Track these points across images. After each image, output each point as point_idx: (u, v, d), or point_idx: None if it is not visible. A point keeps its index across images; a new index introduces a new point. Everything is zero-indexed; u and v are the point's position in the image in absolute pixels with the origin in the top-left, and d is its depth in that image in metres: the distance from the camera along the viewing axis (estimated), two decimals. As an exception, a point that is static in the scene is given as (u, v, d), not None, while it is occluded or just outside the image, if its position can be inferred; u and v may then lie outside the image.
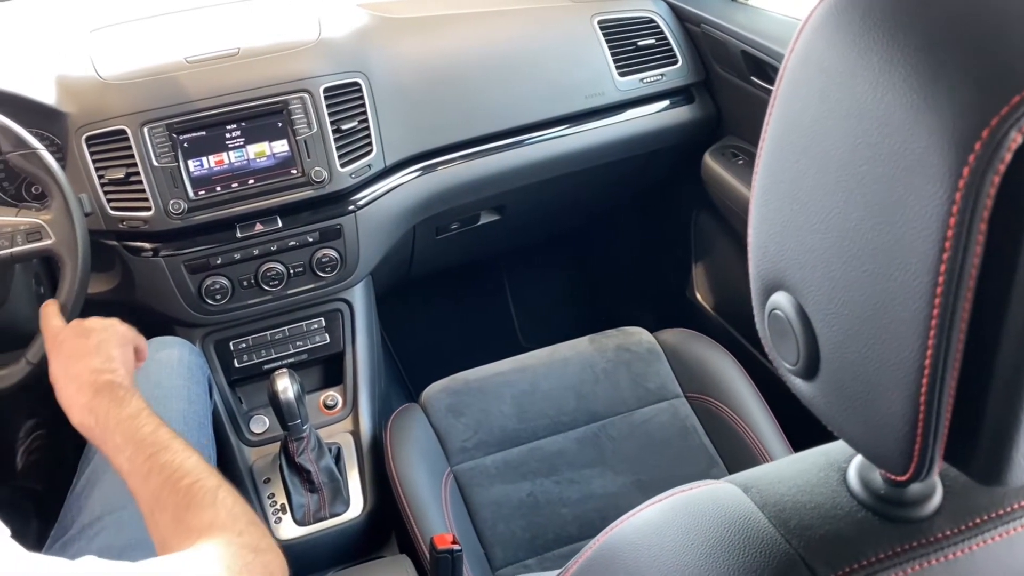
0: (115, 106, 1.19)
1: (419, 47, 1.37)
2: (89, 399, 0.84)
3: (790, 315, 0.41)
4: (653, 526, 0.49)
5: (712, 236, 1.59)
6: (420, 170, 1.35)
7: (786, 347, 0.42)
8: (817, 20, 0.37)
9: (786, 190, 0.40)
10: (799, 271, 0.40)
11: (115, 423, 0.80)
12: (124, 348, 0.93)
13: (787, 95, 0.39)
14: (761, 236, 0.43)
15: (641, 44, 1.44)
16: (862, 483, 0.46)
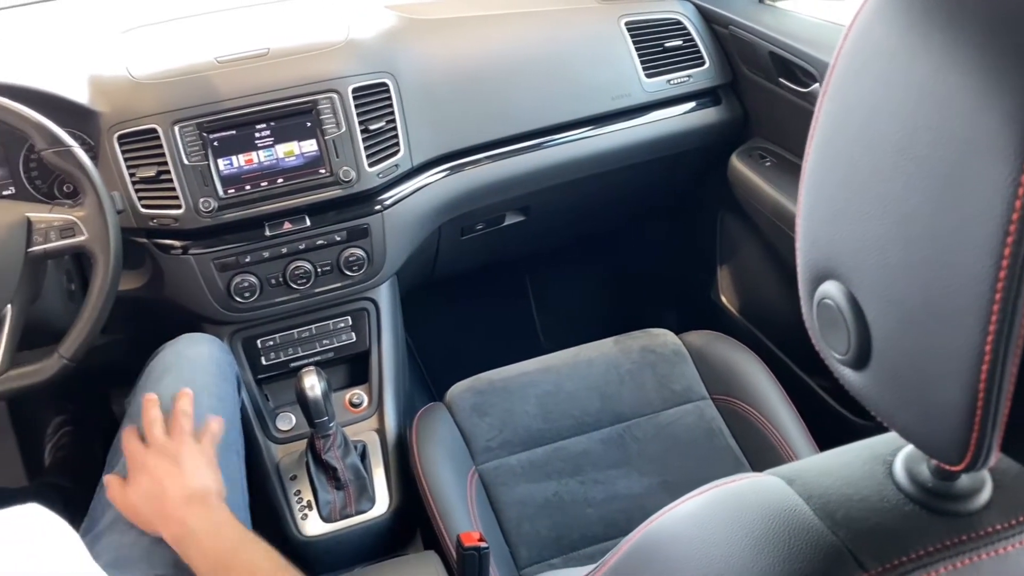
0: (147, 105, 1.20)
1: (446, 48, 1.38)
2: (184, 515, 0.91)
3: (841, 304, 0.40)
4: (695, 518, 0.49)
5: (738, 238, 1.59)
6: (447, 170, 1.36)
7: (836, 337, 0.42)
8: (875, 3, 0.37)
9: (838, 177, 0.40)
10: (851, 259, 0.39)
11: (205, 533, 0.89)
12: (208, 456, 1.00)
13: (841, 81, 0.39)
14: (811, 225, 0.43)
15: (668, 45, 1.44)
16: (909, 476, 0.45)
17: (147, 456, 0.98)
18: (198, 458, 0.98)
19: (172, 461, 0.96)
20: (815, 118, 0.41)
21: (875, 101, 0.37)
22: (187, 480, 0.94)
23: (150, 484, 0.95)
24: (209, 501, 0.93)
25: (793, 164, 1.39)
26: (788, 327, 1.49)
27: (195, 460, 0.97)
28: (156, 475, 0.95)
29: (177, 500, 0.92)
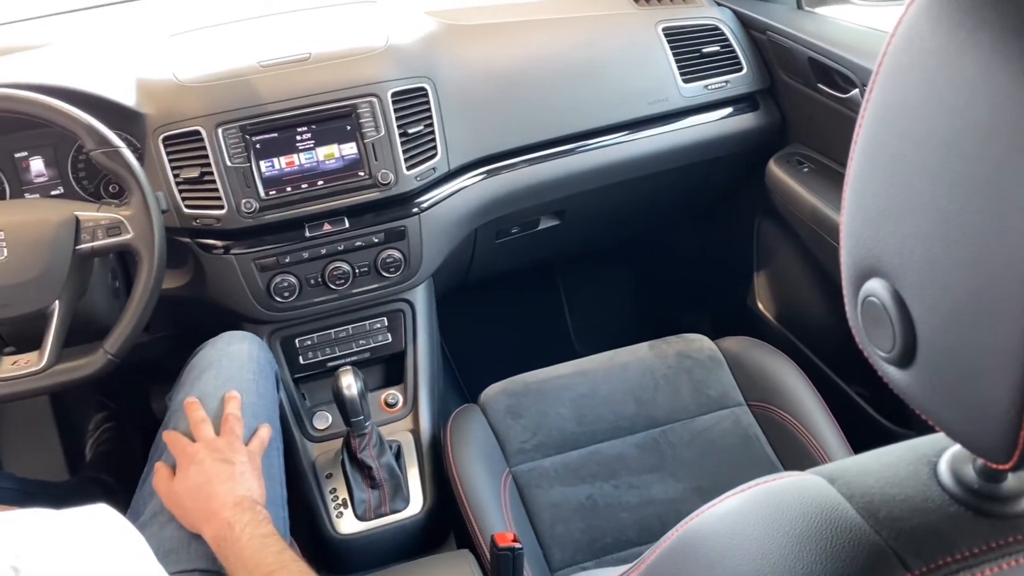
0: (191, 108, 1.22)
1: (484, 53, 1.39)
2: (230, 515, 0.91)
3: (886, 302, 0.40)
4: (736, 515, 0.49)
5: (775, 244, 1.58)
6: (483, 173, 1.37)
7: (880, 335, 0.42)
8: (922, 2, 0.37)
9: (884, 175, 0.40)
10: (896, 256, 0.39)
11: (248, 538, 0.89)
12: (256, 464, 1.02)
13: (887, 80, 0.39)
14: (855, 223, 0.43)
15: (705, 51, 1.44)
16: (954, 477, 0.45)
17: (198, 452, 0.99)
18: (247, 464, 0.99)
19: (224, 462, 0.98)
20: (860, 117, 0.41)
21: (922, 99, 0.37)
22: (237, 483, 0.96)
23: (200, 480, 0.96)
24: (256, 509, 0.94)
25: (832, 170, 1.38)
26: (826, 334, 1.48)
27: (245, 465, 0.99)
28: (207, 473, 0.96)
29: (226, 501, 0.93)
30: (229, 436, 1.02)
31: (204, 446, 1.00)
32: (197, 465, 0.98)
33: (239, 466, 0.98)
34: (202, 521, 0.93)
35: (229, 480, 0.96)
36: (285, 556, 0.88)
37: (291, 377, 1.35)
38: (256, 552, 0.88)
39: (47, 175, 1.31)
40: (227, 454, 0.99)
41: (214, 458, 0.98)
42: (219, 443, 1.00)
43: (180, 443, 1.02)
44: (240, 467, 0.98)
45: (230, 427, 1.03)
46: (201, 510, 0.94)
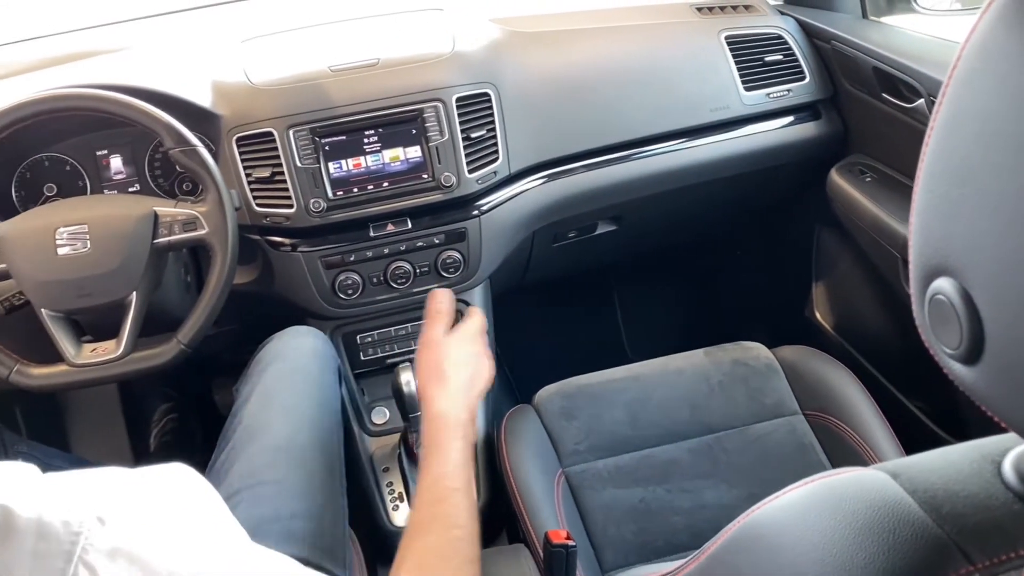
0: (264, 110, 1.27)
1: (547, 60, 1.41)
2: (470, 418, 0.93)
3: (953, 300, 0.41)
4: (798, 507, 0.50)
5: (836, 254, 1.57)
6: (543, 178, 1.39)
7: (947, 332, 0.43)
8: (998, 7, 0.38)
9: (955, 176, 0.41)
10: (966, 255, 0.40)
11: (460, 447, 0.89)
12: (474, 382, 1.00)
13: (961, 83, 0.40)
14: (925, 223, 0.44)
15: (768, 60, 1.45)
16: (1018, 476, 0.45)
17: (466, 338, 1.00)
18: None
19: (483, 355, 1.00)
20: (932, 119, 0.42)
21: (996, 102, 0.38)
22: (487, 382, 0.98)
23: (467, 358, 0.98)
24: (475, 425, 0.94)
25: (895, 180, 1.37)
26: (886, 345, 1.46)
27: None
28: (473, 356, 0.98)
29: (475, 396, 0.95)
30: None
31: (470, 332, 1.01)
32: (465, 344, 0.99)
33: (488, 367, 1.00)
34: (445, 398, 0.93)
35: (483, 376, 0.98)
36: (471, 481, 0.88)
37: (351, 372, 1.38)
38: (459, 465, 0.88)
39: (125, 172, 1.37)
40: (484, 347, 1.01)
41: (476, 347, 1.00)
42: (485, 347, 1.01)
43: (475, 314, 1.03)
44: (489, 367, 1.00)
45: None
46: (457, 390, 0.94)
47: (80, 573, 0.46)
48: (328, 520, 1.03)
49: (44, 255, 1.10)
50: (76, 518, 0.47)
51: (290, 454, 1.06)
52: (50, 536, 0.46)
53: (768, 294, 1.83)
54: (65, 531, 0.46)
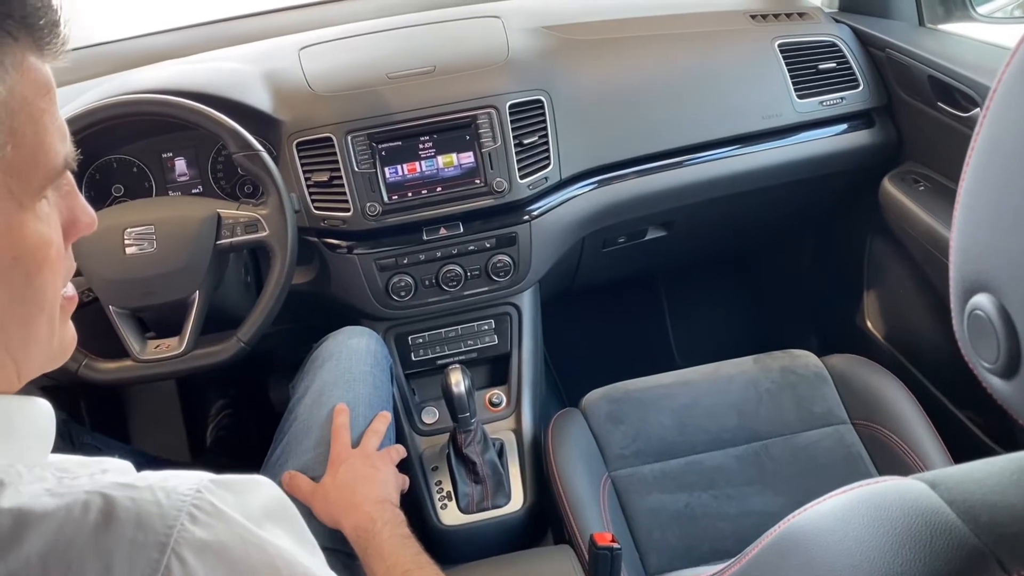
0: (323, 116, 1.31)
1: (600, 67, 1.43)
2: (371, 510, 1.00)
3: (992, 315, 0.42)
4: (838, 514, 0.51)
5: (888, 263, 1.55)
6: (594, 183, 1.40)
7: (985, 346, 0.43)
8: None
9: (996, 192, 0.41)
10: (1004, 271, 0.41)
11: (388, 535, 0.97)
12: (399, 492, 1.10)
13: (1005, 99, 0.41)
14: (965, 239, 0.44)
15: (822, 67, 1.44)
16: None
17: (352, 456, 1.08)
18: (391, 474, 1.09)
19: (371, 467, 1.07)
20: (975, 133, 0.43)
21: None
22: (379, 487, 1.05)
23: (347, 478, 1.05)
24: (396, 511, 1.02)
25: (948, 189, 1.36)
26: (937, 355, 1.45)
27: (389, 475, 1.09)
28: (355, 472, 1.05)
29: (368, 496, 1.02)
30: (372, 447, 1.11)
31: (359, 454, 1.09)
32: (346, 465, 1.06)
33: (383, 474, 1.07)
34: (343, 512, 1.01)
35: (373, 482, 1.05)
36: (422, 558, 0.94)
37: (403, 372, 1.41)
38: (395, 549, 0.95)
39: (188, 174, 1.42)
40: (375, 461, 1.08)
41: (364, 463, 1.07)
42: (372, 454, 1.10)
43: (336, 447, 1.10)
44: (384, 475, 1.07)
45: (370, 442, 1.12)
46: (345, 501, 1.02)
47: (172, 563, 0.48)
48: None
49: (112, 255, 1.15)
50: (171, 512, 0.50)
51: (343, 451, 1.10)
52: (147, 527, 0.49)
53: (819, 301, 1.82)
54: (161, 523, 0.49)
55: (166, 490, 0.51)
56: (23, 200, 0.52)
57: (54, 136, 0.53)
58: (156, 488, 0.51)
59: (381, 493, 1.04)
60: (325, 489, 1.05)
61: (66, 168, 0.55)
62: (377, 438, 1.13)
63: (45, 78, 0.53)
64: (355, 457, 1.08)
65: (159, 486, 0.51)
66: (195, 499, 0.52)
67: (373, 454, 1.10)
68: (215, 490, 0.54)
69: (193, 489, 0.52)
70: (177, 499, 0.51)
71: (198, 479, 0.54)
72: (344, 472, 1.05)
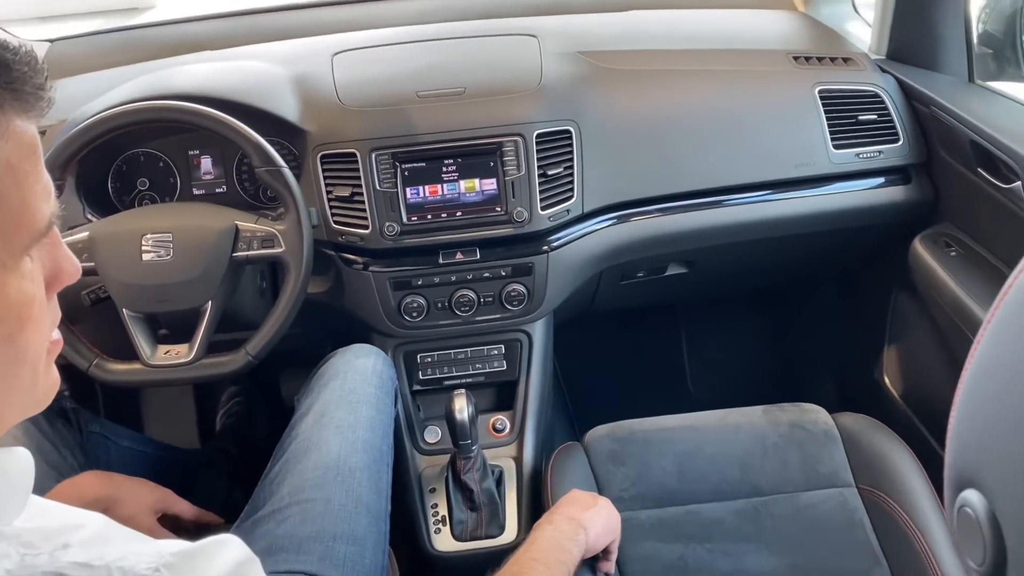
0: (350, 131, 1.30)
1: (633, 99, 1.40)
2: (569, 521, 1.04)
3: (980, 515, 0.40)
4: None
5: (911, 322, 1.52)
6: (615, 219, 1.38)
7: (973, 545, 0.42)
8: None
9: (997, 389, 0.40)
10: (996, 472, 0.39)
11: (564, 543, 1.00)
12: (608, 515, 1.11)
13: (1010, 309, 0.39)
14: (962, 429, 0.43)
15: (862, 118, 1.40)
16: None
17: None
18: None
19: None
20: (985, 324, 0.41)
21: None
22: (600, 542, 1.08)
23: (609, 521, 1.11)
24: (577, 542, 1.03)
25: (981, 258, 1.32)
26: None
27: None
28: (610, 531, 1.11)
29: (600, 538, 1.07)
30: None
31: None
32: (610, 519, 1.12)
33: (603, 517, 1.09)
34: (590, 518, 1.07)
35: (592, 513, 1.08)
36: None
37: (409, 390, 1.41)
38: (550, 547, 1.00)
39: (214, 174, 1.43)
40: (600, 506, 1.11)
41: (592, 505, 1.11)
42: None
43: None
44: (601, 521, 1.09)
45: None
46: (600, 524, 1.08)
47: None
48: (370, 544, 1.07)
49: (129, 259, 1.15)
50: None
51: (340, 474, 1.10)
52: None
53: (838, 351, 1.79)
54: None
55: (123, 570, 0.52)
56: (6, 261, 0.52)
57: (39, 197, 0.54)
58: (113, 568, 0.51)
59: (595, 543, 1.07)
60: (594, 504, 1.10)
61: (50, 227, 0.55)
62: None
63: (30, 140, 0.53)
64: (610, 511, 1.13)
65: (116, 566, 0.52)
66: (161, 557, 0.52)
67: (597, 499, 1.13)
68: (177, 565, 0.54)
69: (151, 568, 0.53)
70: None
71: (158, 556, 0.54)
72: (611, 516, 1.11)
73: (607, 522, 1.08)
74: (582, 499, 1.10)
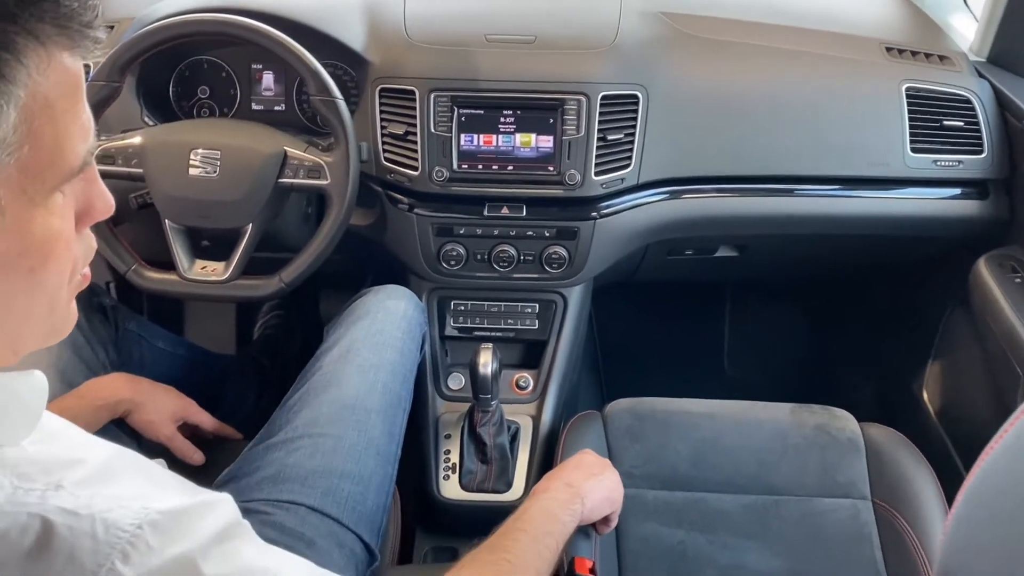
0: (412, 67, 1.27)
1: (710, 71, 1.34)
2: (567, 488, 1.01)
3: None
4: None
5: (961, 341, 1.46)
6: (667, 193, 1.34)
7: None
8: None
9: (990, 511, 0.37)
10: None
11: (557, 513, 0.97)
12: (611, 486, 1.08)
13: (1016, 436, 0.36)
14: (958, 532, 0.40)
15: (946, 123, 1.32)
16: None
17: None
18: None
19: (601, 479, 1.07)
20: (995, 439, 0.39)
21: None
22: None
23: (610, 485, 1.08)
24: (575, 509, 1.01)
25: (1048, 288, 1.25)
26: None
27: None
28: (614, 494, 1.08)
29: (598, 502, 1.04)
30: None
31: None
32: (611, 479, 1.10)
33: (607, 481, 1.07)
34: (581, 481, 1.03)
35: (600, 480, 1.06)
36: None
37: (439, 335, 1.41)
38: (540, 519, 0.96)
39: (274, 91, 1.42)
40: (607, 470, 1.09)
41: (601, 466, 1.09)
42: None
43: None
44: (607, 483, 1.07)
45: None
46: (596, 489, 1.04)
47: None
48: (374, 486, 1.08)
49: (176, 172, 1.16)
50: (104, 549, 0.51)
51: (355, 414, 1.11)
52: (77, 562, 0.50)
53: (880, 356, 1.73)
54: (91, 560, 0.50)
55: (106, 523, 0.52)
56: (34, 197, 0.52)
57: (75, 136, 0.53)
58: (97, 519, 0.52)
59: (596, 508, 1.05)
60: (593, 466, 1.08)
61: (84, 167, 0.55)
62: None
63: (73, 78, 0.52)
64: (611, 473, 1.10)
65: (101, 517, 0.52)
66: (132, 536, 0.53)
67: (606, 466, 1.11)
68: (160, 524, 0.55)
69: (135, 524, 0.53)
70: (114, 535, 0.52)
71: (143, 513, 0.54)
72: (608, 476, 1.07)
73: (609, 494, 1.06)
74: (589, 464, 1.07)
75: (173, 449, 1.18)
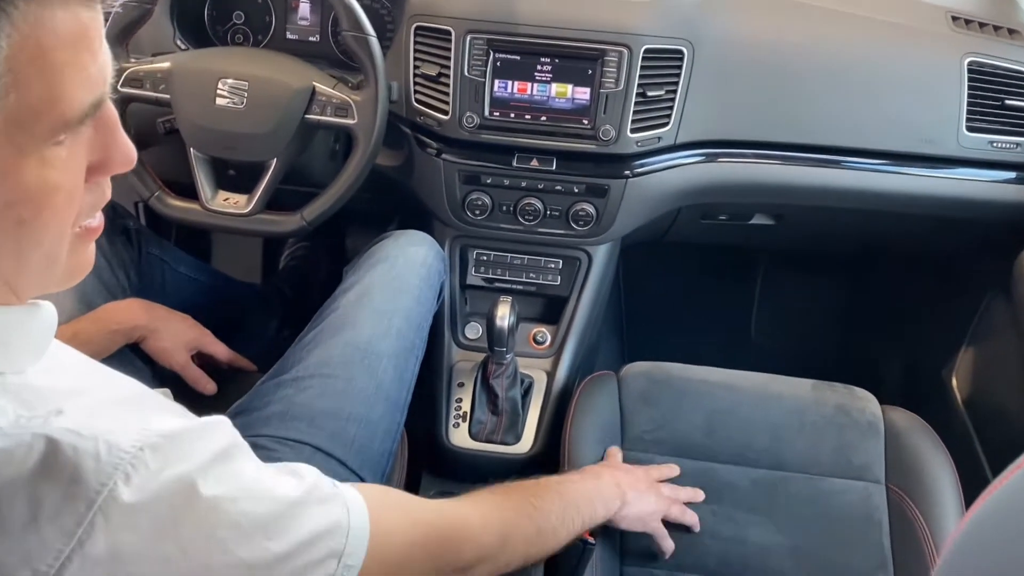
0: (450, 6, 1.23)
1: (761, 29, 1.28)
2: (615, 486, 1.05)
3: None
4: None
5: (997, 332, 1.41)
6: (704, 156, 1.29)
7: None
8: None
9: (985, 551, 0.35)
10: None
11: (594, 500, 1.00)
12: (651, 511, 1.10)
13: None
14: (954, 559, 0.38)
15: (1009, 103, 1.25)
16: None
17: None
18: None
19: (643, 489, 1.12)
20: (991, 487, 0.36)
21: None
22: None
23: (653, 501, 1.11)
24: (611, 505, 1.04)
25: (1095, 285, 1.20)
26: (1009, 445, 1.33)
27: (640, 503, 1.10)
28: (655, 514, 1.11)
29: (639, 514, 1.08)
30: None
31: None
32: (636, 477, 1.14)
33: (650, 495, 1.11)
34: (629, 488, 1.09)
35: (643, 487, 1.11)
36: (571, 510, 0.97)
37: (459, 283, 1.40)
38: (575, 490, 1.00)
39: (310, 20, 1.39)
40: (652, 483, 1.14)
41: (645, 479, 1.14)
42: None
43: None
44: (649, 497, 1.11)
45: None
46: (640, 502, 1.09)
47: (97, 520, 0.52)
48: (381, 431, 1.08)
49: (203, 100, 1.14)
50: (107, 469, 0.52)
51: (367, 357, 1.10)
52: (81, 481, 0.51)
53: (912, 339, 1.68)
54: (95, 479, 0.52)
55: (108, 444, 0.53)
56: (23, 147, 0.51)
57: (76, 87, 0.51)
58: (100, 440, 0.53)
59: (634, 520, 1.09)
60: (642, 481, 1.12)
61: (87, 116, 0.53)
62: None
63: (75, 29, 0.50)
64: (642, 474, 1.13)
65: (103, 438, 0.53)
66: (134, 458, 0.54)
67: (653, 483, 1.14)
68: (161, 446, 0.56)
69: (136, 447, 0.54)
70: (116, 456, 0.53)
71: (144, 435, 0.55)
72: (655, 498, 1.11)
73: (646, 516, 1.09)
74: (640, 479, 1.10)
75: (186, 377, 1.19)
